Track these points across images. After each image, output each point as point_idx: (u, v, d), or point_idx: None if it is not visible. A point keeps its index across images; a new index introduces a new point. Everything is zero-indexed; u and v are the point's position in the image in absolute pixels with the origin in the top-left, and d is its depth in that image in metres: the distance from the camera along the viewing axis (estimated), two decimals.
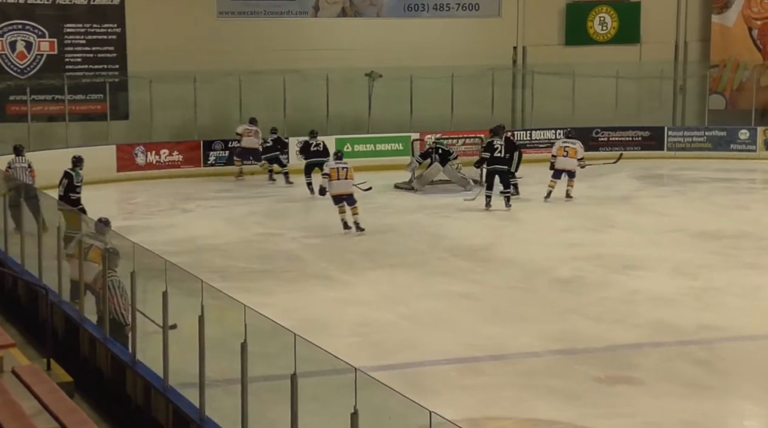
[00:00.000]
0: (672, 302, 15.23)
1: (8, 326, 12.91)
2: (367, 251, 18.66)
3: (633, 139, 30.93)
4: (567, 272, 17.02)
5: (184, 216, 22.23)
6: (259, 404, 8.49)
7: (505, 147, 22.89)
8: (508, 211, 22.39)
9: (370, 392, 6.94)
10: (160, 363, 9.79)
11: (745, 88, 32.23)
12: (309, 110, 28.55)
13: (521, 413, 10.95)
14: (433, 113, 29.70)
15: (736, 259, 18.03)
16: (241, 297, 8.80)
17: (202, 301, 9.04)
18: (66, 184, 18.14)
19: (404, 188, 25.32)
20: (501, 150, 22.64)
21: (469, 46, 30.57)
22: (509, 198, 22.66)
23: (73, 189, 18.04)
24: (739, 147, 30.58)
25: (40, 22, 27.48)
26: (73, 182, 18.20)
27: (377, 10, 30.72)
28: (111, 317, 11.29)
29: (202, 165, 27.72)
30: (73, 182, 18.18)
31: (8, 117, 27.04)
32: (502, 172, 22.64)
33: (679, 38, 32.75)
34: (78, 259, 12.00)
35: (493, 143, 22.80)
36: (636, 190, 25.65)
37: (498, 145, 22.69)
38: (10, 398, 9.07)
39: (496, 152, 22.63)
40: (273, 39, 29.07)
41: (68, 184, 18.11)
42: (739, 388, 11.98)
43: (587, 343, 13.38)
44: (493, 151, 22.68)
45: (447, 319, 14.41)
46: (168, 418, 9.56)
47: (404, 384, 9.81)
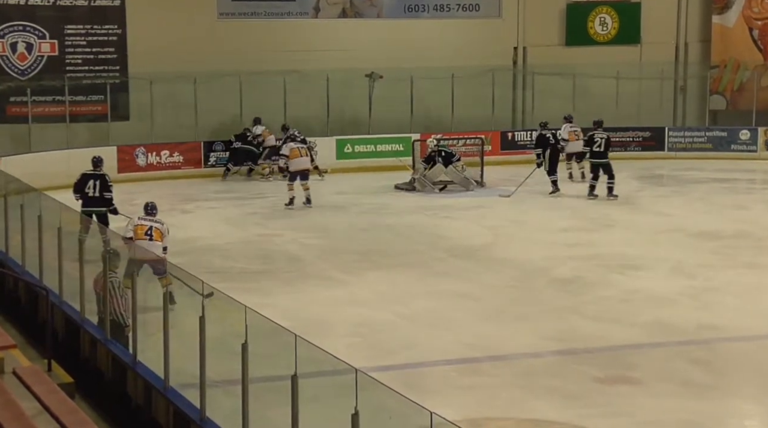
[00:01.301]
0: (671, 302, 15.25)
1: (9, 327, 12.93)
2: (366, 251, 18.68)
3: (633, 139, 30.95)
4: (566, 272, 17.04)
5: (184, 217, 22.24)
6: (260, 404, 8.52)
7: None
8: (613, 200, 23.44)
9: (370, 392, 6.97)
10: (160, 364, 9.82)
11: (745, 88, 32.25)
12: (309, 110, 28.56)
13: (521, 413, 10.97)
14: (434, 114, 29.74)
15: (736, 259, 18.05)
16: (241, 298, 8.83)
17: (203, 301, 9.08)
18: (99, 185, 18.02)
19: (404, 189, 25.35)
20: (601, 144, 23.57)
21: (469, 46, 30.59)
22: (612, 189, 23.64)
23: (107, 189, 18.02)
24: (739, 147, 30.61)
25: (40, 23, 27.50)
26: (107, 181, 18.17)
27: (377, 11, 30.74)
28: (111, 318, 11.33)
29: (203, 166, 27.75)
30: (107, 181, 18.14)
31: (9, 118, 27.05)
32: (604, 165, 23.57)
33: (680, 39, 32.76)
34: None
35: (594, 137, 23.71)
36: (636, 190, 25.66)
37: (599, 138, 23.63)
38: (10, 399, 9.10)
39: (595, 146, 23.62)
40: (273, 40, 29.09)
41: (102, 184, 18.00)
42: (738, 388, 12.00)
43: (586, 343, 13.40)
44: (593, 144, 23.66)
45: (446, 319, 14.43)
46: (168, 419, 9.59)
47: (404, 385, 9.83)
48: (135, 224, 14.86)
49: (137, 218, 15.02)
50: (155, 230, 14.75)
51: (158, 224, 14.88)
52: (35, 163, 23.88)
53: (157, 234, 14.73)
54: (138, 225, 14.82)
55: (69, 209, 13.89)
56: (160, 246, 14.59)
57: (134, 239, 14.34)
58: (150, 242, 14.53)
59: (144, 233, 14.67)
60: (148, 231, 14.70)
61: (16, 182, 16.89)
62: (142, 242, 14.26)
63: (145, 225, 14.82)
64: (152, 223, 14.88)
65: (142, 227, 14.78)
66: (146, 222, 14.89)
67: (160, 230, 14.81)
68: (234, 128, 28.03)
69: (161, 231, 14.79)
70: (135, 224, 14.86)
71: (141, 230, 14.71)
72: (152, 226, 14.81)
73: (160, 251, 14.41)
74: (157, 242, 14.61)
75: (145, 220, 14.95)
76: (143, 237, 14.55)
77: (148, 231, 14.70)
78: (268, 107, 28.14)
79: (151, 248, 14.31)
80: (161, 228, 14.85)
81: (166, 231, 14.88)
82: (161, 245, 14.64)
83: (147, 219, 14.97)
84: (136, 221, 14.95)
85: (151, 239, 14.62)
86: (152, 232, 14.71)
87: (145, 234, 14.65)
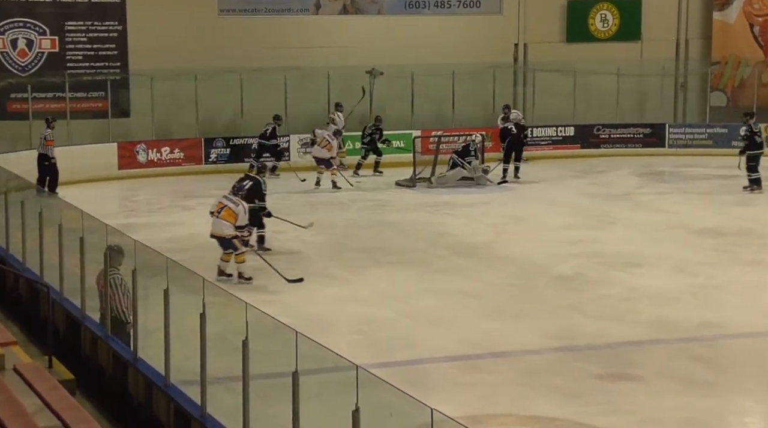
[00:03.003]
0: (672, 299, 15.25)
1: (10, 324, 12.93)
2: (368, 248, 18.68)
3: (634, 136, 30.91)
4: (567, 270, 17.04)
5: (185, 214, 22.23)
6: (261, 401, 8.51)
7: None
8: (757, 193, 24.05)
9: (371, 389, 6.97)
10: (161, 361, 9.82)
11: (746, 85, 32.20)
12: (310, 107, 28.54)
13: (522, 410, 10.98)
14: (434, 111, 29.72)
15: (737, 256, 18.05)
16: (242, 295, 8.84)
17: (204, 299, 9.07)
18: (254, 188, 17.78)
19: (405, 186, 25.33)
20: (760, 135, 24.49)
21: (470, 43, 30.56)
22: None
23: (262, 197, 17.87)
24: (740, 144, 30.47)
25: (41, 19, 27.48)
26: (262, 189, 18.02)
27: (378, 8, 30.71)
28: (113, 315, 11.32)
29: (203, 163, 27.73)
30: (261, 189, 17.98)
31: (9, 115, 27.03)
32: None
33: (681, 35, 32.72)
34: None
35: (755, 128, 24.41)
36: (637, 187, 25.67)
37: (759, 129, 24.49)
38: (11, 396, 9.10)
39: (756, 137, 24.39)
40: (274, 36, 29.06)
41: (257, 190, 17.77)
42: (740, 385, 12.00)
43: (587, 340, 13.40)
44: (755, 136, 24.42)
45: (447, 317, 14.43)
46: (169, 416, 9.58)
47: (405, 382, 9.81)
48: (219, 201, 16.16)
49: (222, 196, 16.34)
50: (226, 209, 15.89)
51: (231, 204, 15.97)
52: (36, 160, 23.85)
53: (226, 213, 15.87)
54: (218, 202, 16.15)
55: (69, 205, 13.86)
56: (228, 225, 15.82)
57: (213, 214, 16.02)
58: (216, 219, 15.91)
59: (217, 210, 15.98)
60: (220, 209, 15.96)
61: (17, 178, 16.89)
62: (213, 219, 15.96)
63: (222, 203, 16.07)
64: (227, 202, 16.04)
65: (219, 204, 16.06)
66: (224, 200, 16.14)
67: (232, 210, 15.89)
68: (235, 125, 28.06)
69: (233, 211, 15.87)
70: (219, 201, 16.16)
71: (216, 207, 16.04)
72: (225, 205, 15.95)
73: (224, 229, 15.81)
74: (223, 221, 15.83)
75: (225, 199, 16.21)
76: (215, 214, 15.98)
77: (220, 209, 15.96)
78: (268, 104, 28.11)
79: (217, 224, 15.92)
80: (234, 209, 15.90)
81: (241, 211, 15.89)
82: (229, 224, 15.80)
83: (227, 198, 16.23)
84: (220, 198, 16.28)
85: (218, 216, 15.90)
86: (222, 210, 15.90)
87: (217, 211, 15.96)
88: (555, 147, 29.91)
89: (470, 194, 24.30)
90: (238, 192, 16.63)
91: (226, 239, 15.90)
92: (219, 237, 15.96)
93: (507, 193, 24.66)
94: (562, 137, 30.20)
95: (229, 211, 15.91)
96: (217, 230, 15.96)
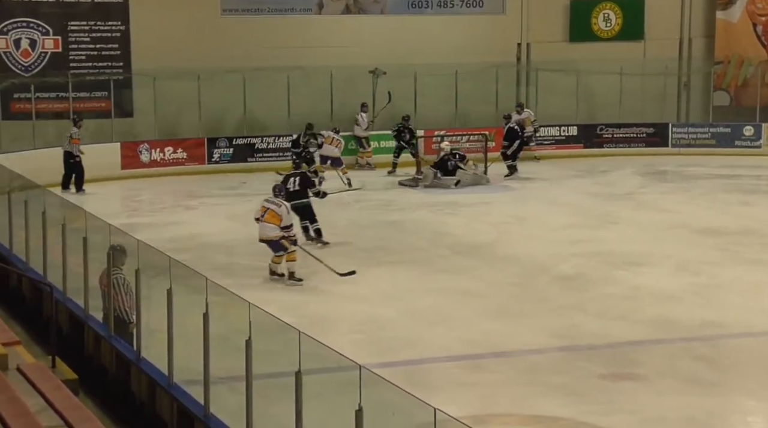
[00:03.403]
0: (675, 298, 15.25)
1: (13, 323, 12.98)
2: (369, 248, 18.68)
3: (637, 135, 30.89)
4: (569, 269, 17.04)
5: (188, 214, 22.26)
6: (264, 401, 8.53)
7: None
8: None
9: (373, 389, 6.98)
10: (164, 360, 9.84)
11: (749, 84, 32.19)
12: (313, 107, 28.54)
13: (524, 410, 10.98)
14: (437, 110, 29.70)
15: (740, 255, 18.04)
16: (245, 294, 8.84)
17: (207, 298, 9.09)
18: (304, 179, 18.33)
19: (408, 185, 25.34)
20: None
21: (473, 42, 30.55)
22: None
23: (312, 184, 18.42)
24: (743, 143, 30.54)
25: (44, 19, 27.49)
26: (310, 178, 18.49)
27: (381, 8, 30.71)
28: (116, 315, 11.35)
29: (206, 162, 27.74)
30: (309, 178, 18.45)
31: (13, 115, 27.04)
32: None
33: (684, 34, 32.71)
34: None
35: None
36: (639, 186, 25.67)
37: None
38: (14, 395, 9.12)
39: None
40: (277, 36, 29.06)
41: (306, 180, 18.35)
42: (742, 384, 12.00)
43: (590, 340, 13.40)
44: None
45: (450, 316, 14.44)
46: (172, 415, 9.60)
47: (407, 381, 9.82)
48: (261, 205, 16.27)
49: (263, 200, 16.39)
50: (269, 212, 16.04)
51: (274, 206, 16.12)
52: (39, 159, 23.90)
53: (270, 215, 16.01)
54: (261, 207, 16.27)
55: (72, 205, 13.89)
56: (273, 227, 15.96)
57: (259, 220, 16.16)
58: (261, 223, 16.08)
59: (260, 214, 16.12)
60: (263, 213, 16.10)
61: (20, 178, 16.91)
62: (260, 224, 16.12)
63: (264, 206, 16.20)
64: (269, 205, 16.16)
65: (262, 208, 16.20)
66: (266, 204, 16.25)
67: (275, 211, 16.04)
68: (238, 125, 28.08)
69: (277, 213, 16.02)
70: (261, 205, 16.27)
71: (259, 212, 16.19)
72: (268, 208, 16.10)
73: (270, 232, 15.97)
74: (268, 224, 15.99)
75: (267, 202, 16.30)
76: (260, 219, 16.14)
77: (263, 213, 16.10)
78: (271, 104, 28.14)
79: (263, 228, 16.09)
80: (277, 210, 16.06)
81: (284, 212, 16.08)
82: (274, 226, 15.95)
83: (268, 201, 16.31)
84: (262, 202, 16.34)
85: (262, 219, 16.08)
86: (266, 214, 16.04)
87: (261, 215, 16.11)
88: (558, 147, 29.90)
89: (472, 194, 24.29)
90: (279, 193, 16.68)
91: (275, 241, 16.06)
92: (267, 241, 16.14)
93: (509, 192, 24.67)
94: (565, 137, 30.19)
95: (272, 213, 16.03)
96: (264, 234, 16.12)
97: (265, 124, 28.37)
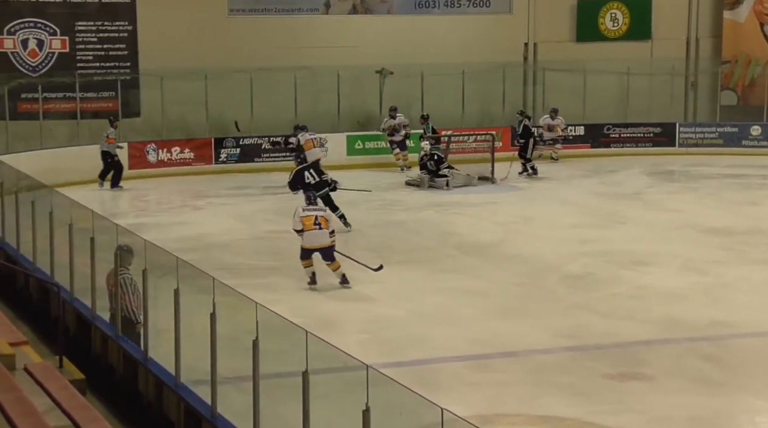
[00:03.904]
0: (682, 298, 15.24)
1: (20, 323, 12.98)
2: (376, 247, 18.68)
3: (644, 135, 30.88)
4: (577, 269, 17.04)
5: (195, 214, 22.28)
6: (271, 401, 8.53)
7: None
8: None
9: (381, 389, 6.98)
10: (171, 360, 9.84)
11: (756, 84, 32.16)
12: (319, 107, 28.56)
13: (531, 409, 10.97)
14: (444, 110, 29.69)
15: (747, 255, 18.02)
16: (252, 294, 8.84)
17: (214, 298, 9.09)
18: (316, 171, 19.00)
19: (415, 185, 25.35)
20: None
21: (479, 42, 30.56)
22: None
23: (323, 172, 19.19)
24: (750, 143, 30.52)
25: (51, 20, 27.53)
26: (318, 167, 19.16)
27: (388, 7, 30.72)
28: (123, 315, 11.34)
29: (213, 162, 27.77)
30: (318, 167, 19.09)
31: (20, 115, 27.07)
32: None
33: (691, 34, 32.67)
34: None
35: None
36: (647, 186, 25.66)
37: None
38: (22, 395, 9.12)
39: None
40: (284, 36, 29.08)
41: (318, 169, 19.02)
42: (749, 384, 11.98)
43: (597, 339, 13.39)
44: None
45: (456, 316, 14.43)
46: (180, 415, 9.60)
47: (414, 381, 9.80)
48: (301, 216, 15.72)
49: (301, 210, 15.85)
50: (321, 219, 15.72)
51: (322, 212, 16.01)
52: (46, 159, 23.94)
53: (324, 222, 15.71)
54: (304, 217, 15.69)
55: (80, 205, 13.89)
56: (327, 233, 15.68)
57: (304, 230, 15.64)
58: (320, 231, 15.62)
59: (312, 223, 15.61)
60: (316, 221, 15.64)
61: (27, 178, 16.93)
62: (312, 233, 15.61)
63: (311, 215, 15.72)
64: (317, 212, 15.86)
65: (309, 218, 15.67)
66: (311, 212, 15.80)
67: (325, 217, 15.89)
68: (244, 125, 28.12)
69: (326, 218, 15.89)
70: (301, 216, 15.72)
71: (309, 221, 15.62)
72: (317, 215, 15.76)
73: (326, 238, 15.66)
74: (326, 230, 15.65)
75: (310, 210, 15.87)
76: (313, 228, 15.61)
77: (316, 221, 15.64)
78: (278, 104, 28.15)
79: (321, 236, 15.64)
80: (325, 215, 15.98)
81: (330, 217, 16.15)
82: (328, 231, 15.69)
83: (311, 209, 15.95)
84: (301, 213, 15.77)
85: (320, 228, 15.63)
86: (319, 221, 15.65)
87: (314, 224, 15.61)
88: (565, 146, 29.86)
89: (478, 193, 24.30)
90: (315, 201, 16.53)
91: (329, 248, 15.75)
92: (322, 248, 15.71)
93: (516, 192, 24.66)
94: (572, 137, 30.17)
95: (324, 219, 15.78)
96: (320, 241, 15.67)
97: (271, 124, 28.38)
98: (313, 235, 15.65)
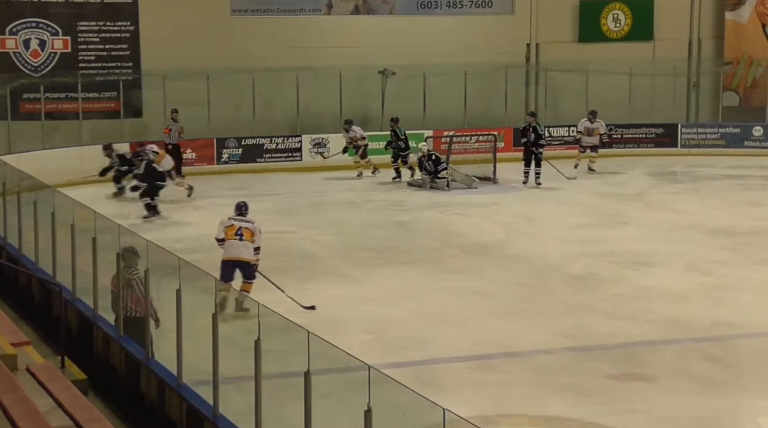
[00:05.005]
0: (685, 298, 15.22)
1: (22, 323, 12.99)
2: (379, 248, 18.68)
3: (646, 136, 30.90)
4: (579, 269, 17.02)
5: (196, 214, 22.24)
6: (273, 401, 8.52)
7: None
8: None
9: (383, 389, 6.97)
10: (173, 361, 9.83)
11: (758, 85, 32.18)
12: (322, 107, 28.57)
13: (534, 410, 10.96)
14: (446, 110, 29.71)
15: (749, 255, 18.00)
16: (254, 295, 8.84)
17: (216, 299, 9.08)
18: None
19: (417, 185, 25.35)
20: None
21: (482, 43, 30.57)
22: None
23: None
24: (752, 144, 30.53)
25: (53, 20, 27.55)
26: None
27: (390, 8, 30.74)
28: (135, 315, 11.21)
29: (216, 163, 27.78)
30: None
31: (22, 115, 27.09)
32: None
33: (693, 35, 32.70)
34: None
35: None
36: (649, 187, 25.64)
37: None
38: (24, 395, 9.12)
39: None
40: (286, 36, 29.10)
41: None
42: (752, 384, 11.96)
43: (600, 340, 13.38)
44: None
45: (459, 316, 14.42)
46: (182, 415, 9.60)
47: (417, 381, 9.84)
48: (226, 225, 14.47)
49: (228, 219, 14.60)
50: (245, 230, 14.35)
51: (248, 224, 14.49)
52: (48, 159, 23.94)
53: (247, 234, 14.33)
54: (228, 226, 14.43)
55: (82, 205, 13.88)
56: (251, 246, 14.33)
57: (225, 240, 14.30)
58: (240, 242, 14.28)
59: (234, 233, 14.33)
60: (237, 231, 14.34)
61: (30, 178, 16.93)
62: (231, 243, 14.23)
63: (235, 225, 14.42)
64: (242, 223, 14.47)
65: (232, 227, 14.39)
66: (236, 222, 14.48)
67: (250, 229, 14.41)
68: (245, 125, 28.12)
69: (251, 230, 14.41)
70: (226, 225, 14.47)
71: (231, 231, 14.35)
72: (241, 226, 14.39)
73: (251, 252, 14.30)
74: (248, 242, 14.32)
75: (236, 220, 14.56)
76: (233, 238, 14.30)
77: (237, 231, 14.34)
78: (280, 104, 28.16)
79: (242, 247, 14.24)
80: (251, 227, 14.45)
81: (257, 231, 14.48)
82: (252, 245, 14.35)
83: (237, 219, 14.58)
84: (227, 221, 14.53)
85: (241, 238, 14.30)
86: (242, 232, 14.32)
87: (235, 235, 14.32)
88: (567, 147, 29.85)
89: (481, 194, 24.30)
90: (245, 211, 14.83)
91: (251, 265, 14.37)
92: (242, 262, 14.28)
93: (519, 193, 24.66)
94: (574, 138, 30.16)
95: (249, 232, 14.37)
96: (241, 254, 14.29)
97: (273, 124, 28.38)
98: (233, 246, 14.25)
